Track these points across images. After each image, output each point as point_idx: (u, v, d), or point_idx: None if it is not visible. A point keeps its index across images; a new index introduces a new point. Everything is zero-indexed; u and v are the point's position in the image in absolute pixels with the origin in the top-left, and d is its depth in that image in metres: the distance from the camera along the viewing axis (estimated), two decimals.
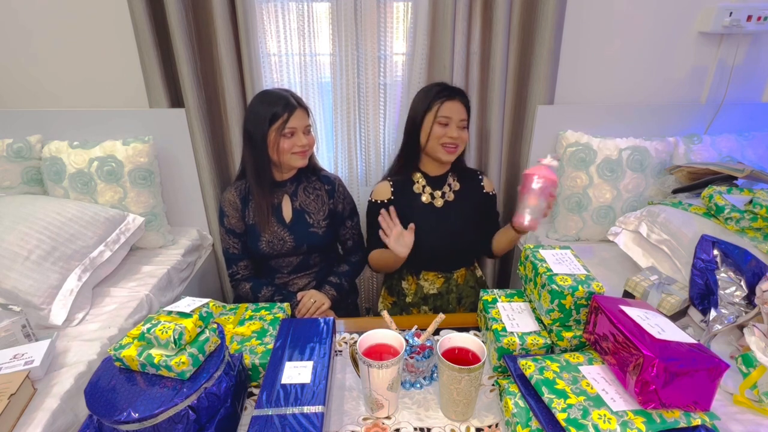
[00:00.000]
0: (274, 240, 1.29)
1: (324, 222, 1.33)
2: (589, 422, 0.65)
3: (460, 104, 1.25)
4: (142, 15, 1.40)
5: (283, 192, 1.32)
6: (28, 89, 1.59)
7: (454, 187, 1.35)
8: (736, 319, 0.95)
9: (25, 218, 1.21)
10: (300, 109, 1.22)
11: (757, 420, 0.79)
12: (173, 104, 1.56)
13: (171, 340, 0.69)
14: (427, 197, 1.34)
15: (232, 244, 1.33)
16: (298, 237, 1.30)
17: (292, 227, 1.30)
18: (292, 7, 1.52)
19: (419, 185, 1.34)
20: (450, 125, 1.25)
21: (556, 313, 0.85)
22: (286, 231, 1.30)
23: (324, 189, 1.35)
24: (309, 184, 1.34)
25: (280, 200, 1.31)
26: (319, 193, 1.34)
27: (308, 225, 1.31)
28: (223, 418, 0.72)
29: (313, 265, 1.38)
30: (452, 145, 1.26)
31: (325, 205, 1.34)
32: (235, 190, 1.31)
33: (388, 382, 0.75)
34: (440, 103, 1.24)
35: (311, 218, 1.32)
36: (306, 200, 1.33)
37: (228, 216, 1.31)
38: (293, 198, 1.32)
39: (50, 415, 0.85)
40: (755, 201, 1.18)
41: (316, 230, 1.32)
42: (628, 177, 1.54)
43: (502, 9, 1.46)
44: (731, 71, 1.67)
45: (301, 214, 1.32)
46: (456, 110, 1.24)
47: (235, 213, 1.31)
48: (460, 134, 1.26)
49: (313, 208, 1.33)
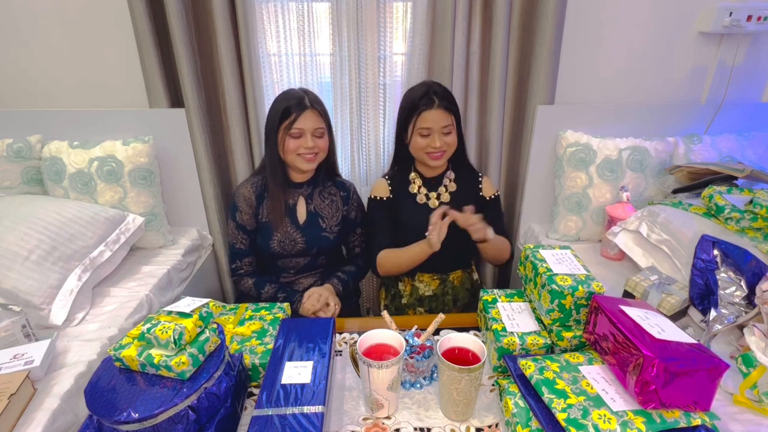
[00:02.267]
0: (286, 240, 1.29)
1: (336, 228, 1.33)
2: (589, 422, 0.65)
3: (439, 111, 1.21)
4: (142, 15, 1.40)
5: (298, 193, 1.31)
6: (28, 89, 1.59)
7: (450, 189, 1.35)
8: (736, 319, 0.95)
9: (25, 218, 1.21)
10: (311, 111, 1.20)
11: (757, 420, 0.79)
12: (173, 104, 1.56)
13: (171, 340, 0.69)
14: (422, 197, 1.34)
15: (241, 239, 1.32)
16: (310, 240, 1.30)
17: (305, 229, 1.30)
18: (292, 7, 1.52)
19: (415, 185, 1.34)
20: (432, 135, 1.22)
21: (556, 313, 0.85)
22: (298, 232, 1.29)
23: (339, 195, 1.34)
24: (325, 189, 1.33)
25: (296, 201, 1.31)
26: (334, 199, 1.34)
27: (321, 229, 1.31)
28: (223, 418, 0.72)
29: (319, 266, 1.38)
30: (437, 153, 1.25)
31: (339, 211, 1.34)
32: (251, 186, 1.30)
33: (388, 382, 0.75)
34: (418, 115, 1.22)
35: (324, 222, 1.31)
36: (321, 204, 1.32)
37: (241, 211, 1.30)
38: (308, 201, 1.31)
39: (50, 415, 0.85)
40: (755, 201, 1.18)
41: (328, 235, 1.32)
42: (628, 177, 1.54)
43: (502, 9, 1.46)
44: (731, 71, 1.67)
45: (315, 217, 1.31)
46: (436, 119, 1.21)
47: (249, 209, 1.29)
48: (444, 141, 1.23)
49: (327, 212, 1.32)
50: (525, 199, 1.74)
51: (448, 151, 1.27)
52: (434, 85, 1.26)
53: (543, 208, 1.75)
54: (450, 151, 1.28)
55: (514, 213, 1.83)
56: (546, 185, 1.70)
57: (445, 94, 1.24)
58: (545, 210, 1.75)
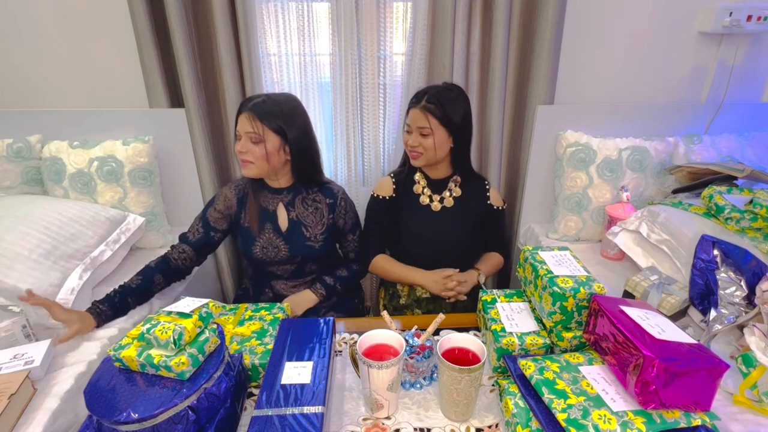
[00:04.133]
0: (269, 247, 1.25)
1: (322, 236, 1.28)
2: (589, 422, 0.65)
3: (419, 111, 1.22)
4: (142, 15, 1.40)
5: (277, 200, 1.26)
6: (28, 89, 1.59)
7: (454, 193, 1.34)
8: (736, 319, 0.95)
9: (25, 218, 1.21)
10: (245, 114, 1.13)
11: (757, 420, 0.79)
12: (173, 104, 1.56)
13: (171, 341, 0.69)
14: (426, 199, 1.33)
15: (196, 229, 1.25)
16: (293, 248, 1.26)
17: (288, 237, 1.26)
18: (292, 7, 1.52)
19: (419, 186, 1.34)
20: (412, 133, 1.25)
21: (558, 316, 0.85)
22: (281, 240, 1.25)
23: (325, 203, 1.28)
24: (308, 196, 1.28)
25: (275, 208, 1.26)
26: (319, 206, 1.28)
27: (305, 238, 1.26)
28: (223, 418, 0.72)
29: (308, 273, 1.34)
30: (414, 152, 1.26)
31: (324, 219, 1.28)
32: (234, 188, 1.27)
33: (388, 382, 0.75)
34: (407, 112, 1.27)
35: (308, 231, 1.26)
36: (304, 212, 1.27)
37: (214, 208, 1.25)
38: (289, 208, 1.26)
39: (50, 415, 0.85)
40: (755, 201, 1.18)
41: (313, 244, 1.27)
42: (628, 177, 1.54)
43: (502, 9, 1.46)
44: (731, 71, 1.67)
45: (297, 225, 1.26)
46: (415, 118, 1.23)
47: (225, 209, 1.25)
48: (421, 142, 1.24)
49: (310, 221, 1.27)
50: (525, 199, 1.74)
51: (426, 154, 1.25)
52: (436, 87, 1.26)
53: (543, 208, 1.75)
54: (428, 155, 1.25)
55: (514, 213, 1.82)
56: (546, 185, 1.70)
57: (437, 98, 1.21)
58: (545, 210, 1.75)
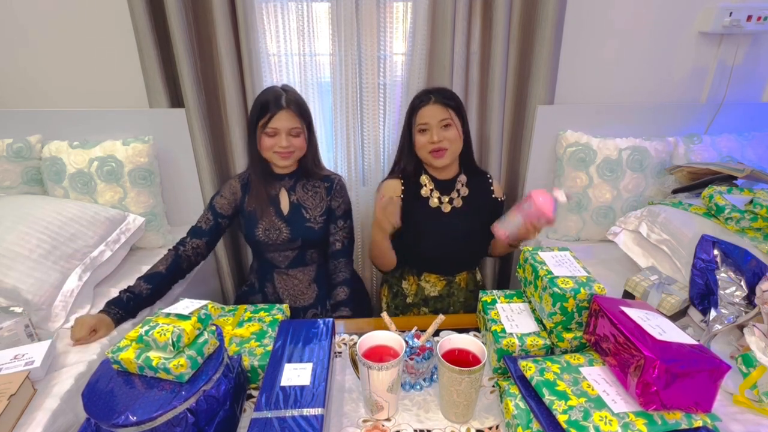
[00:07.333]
0: (271, 229, 1.29)
1: (321, 218, 1.33)
2: (590, 424, 0.64)
3: (436, 105, 1.22)
4: (142, 15, 1.40)
5: (280, 185, 1.32)
6: (28, 89, 1.59)
7: (462, 193, 1.34)
8: (736, 319, 0.94)
9: (25, 218, 1.21)
10: (286, 111, 1.20)
11: (757, 420, 0.79)
12: (173, 104, 1.56)
13: (169, 343, 0.69)
14: (435, 202, 1.32)
15: (206, 218, 1.30)
16: (294, 229, 1.30)
17: (289, 219, 1.31)
18: (292, 7, 1.52)
19: (427, 189, 1.33)
20: (429, 130, 1.23)
21: (558, 316, 0.85)
22: (282, 222, 1.30)
23: (323, 186, 1.35)
24: (309, 182, 1.34)
25: (278, 192, 1.32)
26: (318, 190, 1.34)
27: (305, 219, 1.32)
28: (222, 420, 0.72)
29: (309, 261, 1.37)
30: (437, 150, 1.23)
31: (323, 201, 1.34)
32: (239, 177, 1.34)
33: (388, 383, 0.75)
34: (416, 113, 1.24)
35: (308, 213, 1.32)
36: (304, 196, 1.33)
37: (221, 195, 1.31)
38: (291, 192, 1.32)
39: (50, 415, 0.85)
40: (755, 201, 1.18)
41: (313, 225, 1.32)
42: (628, 177, 1.54)
43: (502, 9, 1.46)
44: (731, 71, 1.67)
45: (297, 208, 1.32)
46: (432, 113, 1.22)
47: (230, 196, 1.31)
48: (443, 135, 1.22)
49: (310, 204, 1.33)
50: None
51: (451, 148, 1.24)
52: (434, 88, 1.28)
53: None
54: (454, 149, 1.25)
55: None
56: (546, 185, 1.70)
57: (444, 93, 1.25)
58: None
